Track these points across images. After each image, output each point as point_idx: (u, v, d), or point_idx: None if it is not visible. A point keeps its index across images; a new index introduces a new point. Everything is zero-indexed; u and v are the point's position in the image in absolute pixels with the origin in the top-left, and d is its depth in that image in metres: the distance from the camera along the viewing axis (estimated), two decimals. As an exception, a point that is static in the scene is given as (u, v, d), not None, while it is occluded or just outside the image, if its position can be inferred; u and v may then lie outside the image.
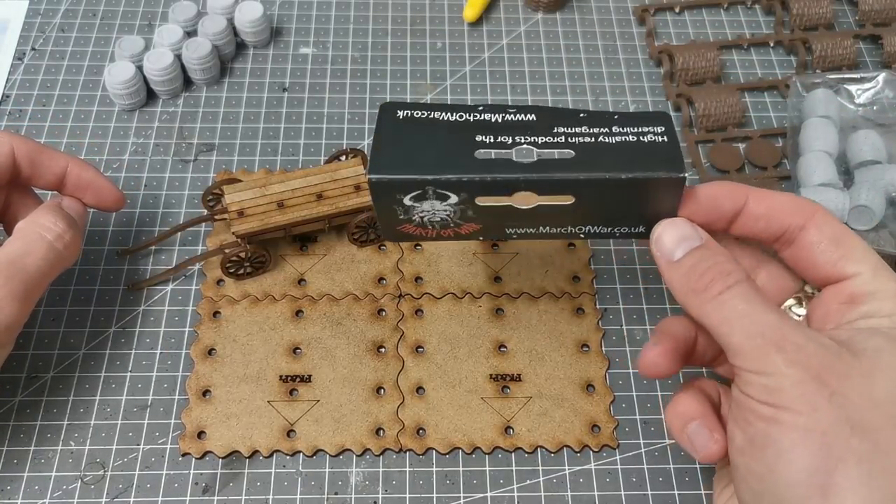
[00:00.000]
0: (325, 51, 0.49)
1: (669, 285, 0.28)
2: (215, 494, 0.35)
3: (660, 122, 0.28)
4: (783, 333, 0.25)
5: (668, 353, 0.29)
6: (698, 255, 0.27)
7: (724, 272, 0.26)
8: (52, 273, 0.34)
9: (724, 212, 0.28)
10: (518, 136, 0.28)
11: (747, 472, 0.25)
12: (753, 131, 0.46)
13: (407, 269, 0.41)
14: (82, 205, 0.37)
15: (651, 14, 0.52)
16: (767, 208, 0.28)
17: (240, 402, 0.37)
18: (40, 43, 0.49)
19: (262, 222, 0.38)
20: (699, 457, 0.28)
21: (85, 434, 0.36)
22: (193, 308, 0.39)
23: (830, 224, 0.28)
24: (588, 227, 0.29)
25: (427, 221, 0.29)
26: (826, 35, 0.50)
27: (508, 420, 0.37)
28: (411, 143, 0.28)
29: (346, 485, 0.35)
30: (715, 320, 0.26)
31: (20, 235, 0.34)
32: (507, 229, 0.30)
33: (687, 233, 0.28)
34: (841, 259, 0.27)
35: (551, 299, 0.40)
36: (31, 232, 0.34)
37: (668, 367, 0.29)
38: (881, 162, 0.42)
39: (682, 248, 0.27)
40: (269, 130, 0.46)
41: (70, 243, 0.34)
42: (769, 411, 0.24)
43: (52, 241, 0.34)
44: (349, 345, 0.38)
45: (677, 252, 0.27)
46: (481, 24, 0.51)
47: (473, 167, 0.27)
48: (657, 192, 0.27)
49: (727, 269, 0.27)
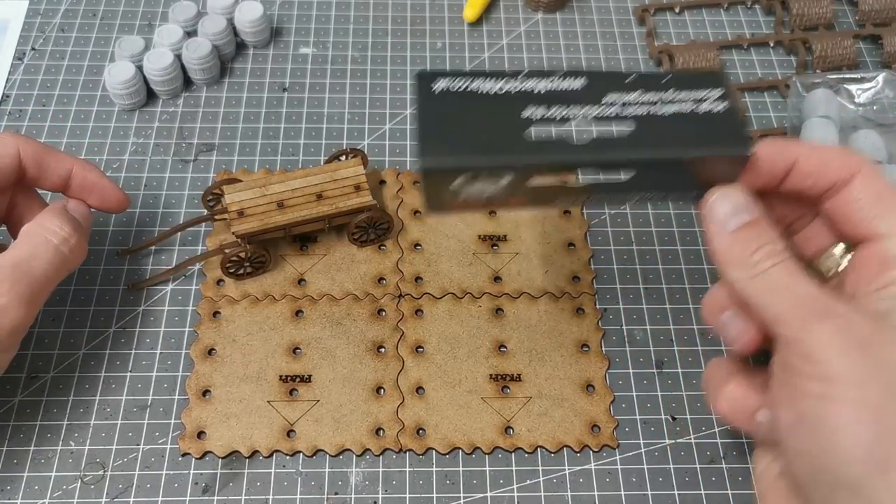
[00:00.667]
0: (325, 51, 0.49)
1: (714, 252, 0.28)
2: (215, 494, 0.35)
3: (716, 83, 0.27)
4: (825, 304, 0.25)
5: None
6: (750, 231, 0.27)
7: (772, 251, 0.26)
8: (57, 277, 0.34)
9: (777, 173, 0.28)
10: (568, 108, 0.27)
11: (800, 451, 0.25)
12: (753, 131, 0.46)
13: (407, 269, 0.41)
14: (87, 207, 0.37)
15: (651, 14, 0.52)
16: (816, 164, 0.28)
17: (240, 402, 0.37)
18: (40, 43, 0.49)
19: (262, 222, 0.38)
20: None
21: (85, 434, 0.36)
22: (193, 308, 0.39)
23: (875, 180, 0.27)
24: (640, 195, 0.29)
25: (475, 198, 0.28)
26: (826, 35, 0.50)
27: (508, 420, 0.37)
28: (457, 123, 0.26)
29: (346, 485, 0.35)
30: (759, 292, 0.26)
31: (26, 239, 0.34)
32: (555, 200, 0.29)
33: (741, 205, 0.27)
34: (876, 217, 0.27)
35: (551, 299, 0.40)
36: (36, 235, 0.34)
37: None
38: (881, 162, 0.42)
39: (734, 222, 0.27)
40: (269, 130, 0.46)
41: (76, 247, 0.34)
42: (818, 387, 0.24)
43: (58, 245, 0.34)
44: (349, 345, 0.38)
45: (730, 224, 0.27)
46: (481, 24, 0.51)
47: (528, 150, 0.26)
48: (722, 166, 0.27)
49: (775, 248, 0.26)
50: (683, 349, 0.39)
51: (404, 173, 0.44)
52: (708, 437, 0.37)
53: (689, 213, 0.43)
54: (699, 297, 0.41)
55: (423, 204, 0.38)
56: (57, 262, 0.34)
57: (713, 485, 0.36)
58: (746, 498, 0.35)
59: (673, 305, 0.40)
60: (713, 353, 0.39)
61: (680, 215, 0.43)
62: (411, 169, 0.44)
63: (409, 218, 0.42)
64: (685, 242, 0.43)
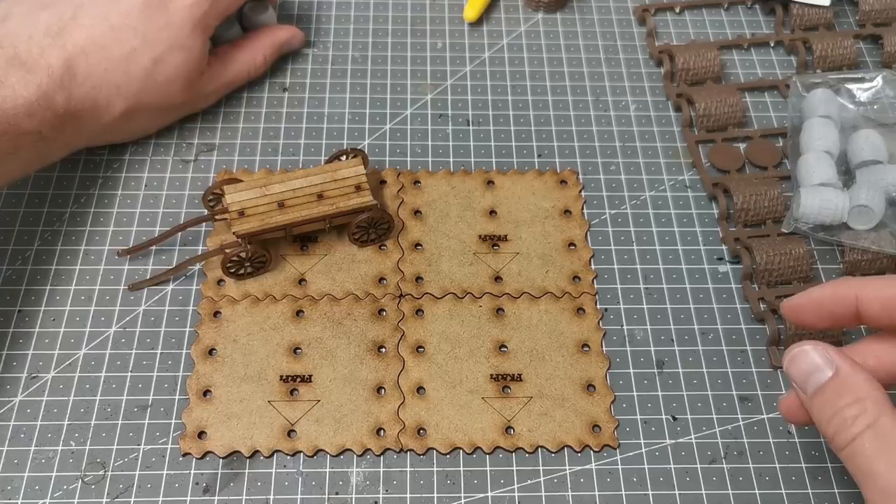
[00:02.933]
0: (326, 51, 0.49)
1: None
2: (216, 494, 0.35)
3: None
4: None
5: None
6: (830, 391, 0.25)
7: (851, 416, 0.24)
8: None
9: (840, 316, 0.27)
10: None
11: None
12: (754, 131, 0.46)
13: (407, 269, 0.41)
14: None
15: (651, 14, 0.52)
16: (881, 307, 0.26)
17: (240, 402, 0.37)
18: (40, 43, 0.49)
19: (262, 222, 0.38)
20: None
21: (85, 434, 0.36)
22: (194, 308, 0.39)
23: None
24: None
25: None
26: (826, 35, 0.50)
27: (509, 420, 0.37)
28: None
29: (347, 485, 0.35)
30: (847, 459, 0.24)
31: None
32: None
33: (815, 363, 0.26)
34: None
35: (552, 299, 0.40)
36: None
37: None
38: (882, 162, 0.42)
39: (811, 384, 0.26)
40: (270, 130, 0.46)
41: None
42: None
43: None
44: (350, 345, 0.38)
45: (808, 387, 0.26)
46: (481, 25, 0.51)
47: None
48: None
49: (855, 411, 0.24)
50: (684, 349, 0.39)
51: (405, 173, 0.44)
52: (708, 437, 0.37)
53: (689, 213, 0.44)
54: (699, 297, 0.41)
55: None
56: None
57: (714, 485, 0.36)
58: (747, 498, 0.35)
59: (673, 305, 0.40)
60: (713, 353, 0.39)
61: (680, 215, 0.43)
62: (412, 169, 0.44)
63: (409, 218, 0.42)
64: (685, 242, 0.43)
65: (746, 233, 0.42)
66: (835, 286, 0.27)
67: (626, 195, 0.44)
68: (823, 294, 0.27)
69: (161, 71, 0.40)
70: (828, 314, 0.27)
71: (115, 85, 0.39)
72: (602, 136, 0.46)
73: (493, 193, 0.43)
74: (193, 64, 0.41)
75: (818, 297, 0.27)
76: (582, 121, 0.47)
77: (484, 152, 0.45)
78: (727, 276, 0.42)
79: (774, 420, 0.37)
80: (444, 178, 0.44)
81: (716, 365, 0.39)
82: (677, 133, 0.47)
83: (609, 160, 0.45)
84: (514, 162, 0.45)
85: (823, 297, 0.27)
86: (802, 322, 0.28)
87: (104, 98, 0.39)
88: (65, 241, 0.41)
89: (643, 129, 0.47)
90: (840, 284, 0.27)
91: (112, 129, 0.41)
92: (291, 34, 0.47)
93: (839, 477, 0.36)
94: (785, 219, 0.42)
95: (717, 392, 0.38)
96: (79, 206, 0.42)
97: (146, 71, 0.40)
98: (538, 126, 0.47)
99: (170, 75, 0.40)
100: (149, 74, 0.40)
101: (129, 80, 0.39)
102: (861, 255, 0.41)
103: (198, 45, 0.41)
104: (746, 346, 0.39)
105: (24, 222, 0.42)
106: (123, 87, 0.39)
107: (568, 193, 0.44)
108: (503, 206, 0.43)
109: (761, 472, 0.36)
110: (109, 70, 0.39)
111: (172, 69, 0.40)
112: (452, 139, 0.46)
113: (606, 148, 0.46)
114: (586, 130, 0.46)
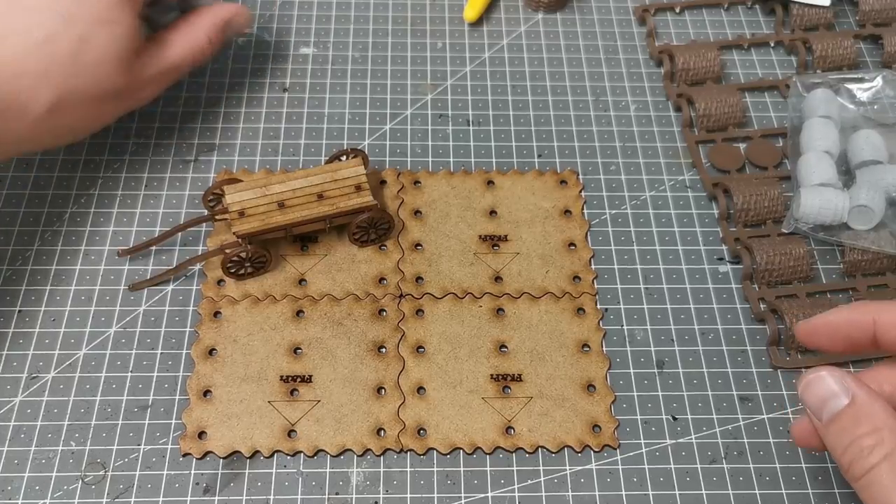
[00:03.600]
0: (326, 51, 0.49)
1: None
2: (216, 495, 0.35)
3: None
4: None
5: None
6: (846, 419, 0.24)
7: (868, 445, 0.23)
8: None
9: (856, 341, 0.26)
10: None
11: None
12: (754, 131, 0.46)
13: (408, 270, 0.41)
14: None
15: (651, 14, 0.52)
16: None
17: (240, 403, 0.37)
18: (40, 43, 0.49)
19: (262, 222, 0.38)
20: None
21: (85, 434, 0.36)
22: (194, 308, 0.39)
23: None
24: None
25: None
26: (826, 35, 0.50)
27: (509, 420, 0.37)
28: None
29: (347, 485, 0.35)
30: (862, 489, 0.24)
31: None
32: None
33: (831, 390, 0.25)
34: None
35: (552, 299, 0.40)
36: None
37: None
38: (882, 162, 0.42)
39: (826, 411, 0.25)
40: (270, 130, 0.46)
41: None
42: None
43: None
44: (350, 345, 0.38)
45: (823, 414, 0.25)
46: (481, 25, 0.51)
47: None
48: None
49: (872, 440, 0.23)
50: (684, 349, 0.39)
51: (405, 173, 0.44)
52: (709, 437, 0.37)
53: (689, 212, 0.44)
54: (700, 297, 0.41)
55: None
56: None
57: (714, 485, 0.36)
58: (747, 498, 0.35)
59: (673, 305, 0.40)
60: (714, 353, 0.39)
61: (680, 215, 0.43)
62: (412, 169, 0.44)
63: (409, 218, 0.42)
64: (685, 242, 0.43)
65: (746, 233, 0.42)
66: (852, 310, 0.26)
67: (627, 195, 0.44)
68: (840, 318, 0.26)
69: (89, 51, 0.36)
70: (843, 339, 0.26)
71: (39, 72, 0.35)
72: (602, 136, 0.46)
73: (494, 193, 0.43)
74: (125, 41, 0.37)
75: (834, 320, 0.26)
76: (582, 121, 0.47)
77: (484, 152, 0.45)
78: (727, 276, 0.42)
79: (774, 420, 0.37)
80: (445, 179, 0.44)
81: (716, 365, 0.39)
82: (677, 133, 0.47)
83: (609, 160, 0.45)
84: (514, 162, 0.45)
85: (840, 322, 0.26)
86: (817, 345, 0.27)
87: (28, 88, 0.35)
88: (65, 242, 0.41)
89: (643, 129, 0.47)
90: (857, 309, 0.26)
91: (41, 129, 0.36)
92: (234, 12, 0.43)
93: (839, 477, 0.36)
94: (785, 219, 0.42)
95: (717, 392, 0.38)
96: (79, 206, 0.42)
97: (72, 52, 0.35)
98: (538, 126, 0.47)
99: (100, 55, 0.36)
100: (75, 56, 0.35)
101: (55, 64, 0.35)
102: (861, 255, 0.41)
103: (126, 19, 0.37)
104: (746, 346, 0.39)
105: (25, 223, 0.42)
106: (49, 74, 0.35)
107: (568, 193, 0.44)
108: (503, 207, 0.43)
109: (761, 473, 0.36)
110: (31, 54, 0.35)
111: (101, 48, 0.36)
112: (452, 139, 0.46)
113: (606, 148, 0.46)
114: (586, 130, 0.46)
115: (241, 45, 0.49)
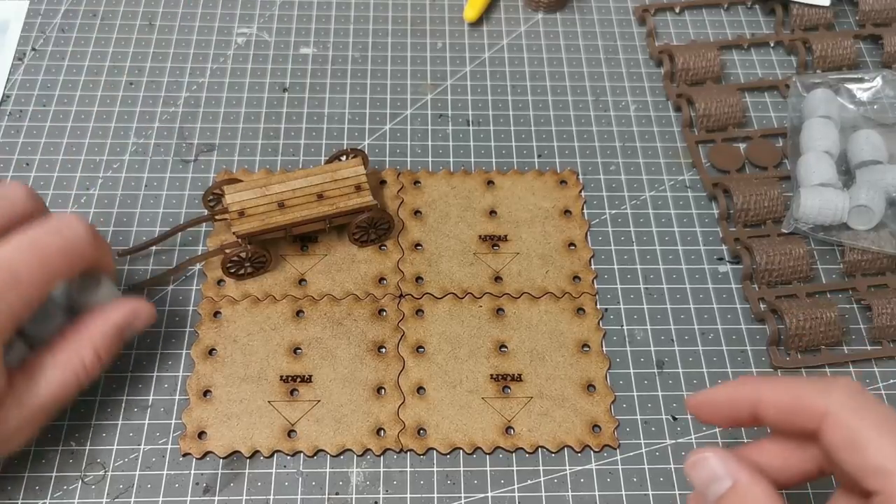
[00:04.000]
0: (326, 51, 0.49)
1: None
2: (216, 495, 0.35)
3: None
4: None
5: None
6: (732, 500, 0.25)
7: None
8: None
9: (738, 417, 0.26)
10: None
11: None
12: (754, 131, 0.46)
13: (408, 270, 0.41)
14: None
15: (651, 14, 0.52)
16: (777, 413, 0.26)
17: (240, 403, 0.37)
18: (40, 43, 0.49)
19: (262, 222, 0.38)
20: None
21: (85, 434, 0.36)
22: (194, 308, 0.39)
23: (844, 426, 0.24)
24: None
25: None
26: (826, 35, 0.50)
27: (509, 420, 0.37)
28: None
29: (347, 485, 0.35)
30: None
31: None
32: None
33: (714, 473, 0.25)
34: (860, 471, 0.24)
35: (552, 299, 0.40)
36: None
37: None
38: (882, 162, 0.42)
39: (711, 493, 0.25)
40: (270, 130, 0.46)
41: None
42: None
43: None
44: (350, 345, 0.38)
45: (709, 496, 0.25)
46: (481, 25, 0.51)
47: None
48: None
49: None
50: (684, 349, 0.39)
51: (405, 173, 0.44)
52: (709, 437, 0.37)
53: (689, 212, 0.44)
54: (700, 297, 0.41)
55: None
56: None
57: None
58: (747, 498, 0.35)
59: (673, 305, 0.40)
60: (713, 353, 0.39)
61: (680, 215, 0.43)
62: (412, 169, 0.44)
63: (409, 218, 0.42)
64: (685, 242, 0.43)
65: (746, 233, 0.42)
66: (734, 388, 0.27)
67: (626, 195, 0.44)
68: (720, 396, 0.27)
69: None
70: (726, 415, 0.27)
71: None
72: (602, 136, 0.46)
73: (493, 193, 0.43)
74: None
75: (714, 398, 0.27)
76: (582, 121, 0.47)
77: (484, 152, 0.45)
78: (727, 276, 0.42)
79: (774, 420, 0.37)
80: (445, 179, 0.44)
81: (716, 365, 0.39)
82: (677, 133, 0.47)
83: (609, 160, 0.45)
84: (514, 162, 0.45)
85: (720, 399, 0.27)
86: (705, 419, 0.28)
87: None
88: (65, 242, 0.41)
89: (643, 129, 0.47)
90: (739, 386, 0.27)
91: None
92: (132, 312, 0.34)
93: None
94: (785, 219, 0.42)
95: (717, 392, 0.38)
96: (79, 206, 0.42)
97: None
98: (538, 126, 0.47)
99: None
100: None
101: None
102: (861, 255, 0.41)
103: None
104: (746, 346, 0.39)
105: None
106: None
107: (568, 193, 0.44)
108: (503, 207, 0.43)
109: (761, 472, 0.36)
110: None
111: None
112: (452, 139, 0.46)
113: (606, 148, 0.46)
114: (586, 130, 0.47)
115: (241, 45, 0.49)
